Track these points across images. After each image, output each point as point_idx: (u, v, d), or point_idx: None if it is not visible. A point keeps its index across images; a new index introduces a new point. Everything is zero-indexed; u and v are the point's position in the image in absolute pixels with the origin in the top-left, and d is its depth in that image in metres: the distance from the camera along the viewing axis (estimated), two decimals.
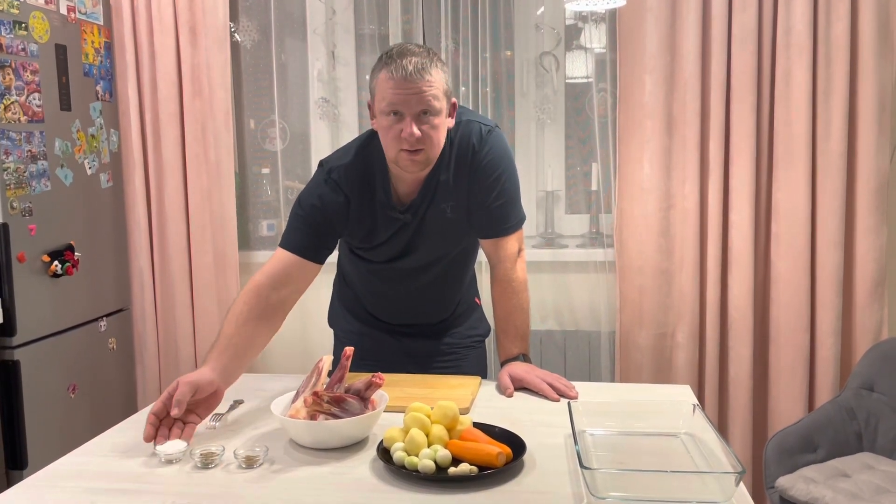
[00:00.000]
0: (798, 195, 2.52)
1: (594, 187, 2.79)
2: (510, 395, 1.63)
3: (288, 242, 1.63)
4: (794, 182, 2.52)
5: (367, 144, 1.65)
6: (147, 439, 1.34)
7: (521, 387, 1.66)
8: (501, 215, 1.69)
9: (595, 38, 2.79)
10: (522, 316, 1.78)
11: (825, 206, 2.52)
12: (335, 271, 1.97)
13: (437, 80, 1.50)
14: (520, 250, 1.77)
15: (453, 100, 1.59)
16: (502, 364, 1.74)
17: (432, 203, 1.65)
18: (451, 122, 1.59)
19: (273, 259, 1.62)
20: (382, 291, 1.82)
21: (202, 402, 1.42)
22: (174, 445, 1.31)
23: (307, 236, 1.62)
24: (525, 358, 1.74)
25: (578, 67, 2.90)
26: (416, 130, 1.49)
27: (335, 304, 1.96)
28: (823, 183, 2.51)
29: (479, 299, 2.00)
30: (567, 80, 2.90)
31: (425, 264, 1.75)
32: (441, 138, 1.56)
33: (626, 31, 2.59)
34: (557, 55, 2.88)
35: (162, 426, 1.37)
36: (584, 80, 2.87)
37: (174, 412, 1.35)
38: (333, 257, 1.76)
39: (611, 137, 2.71)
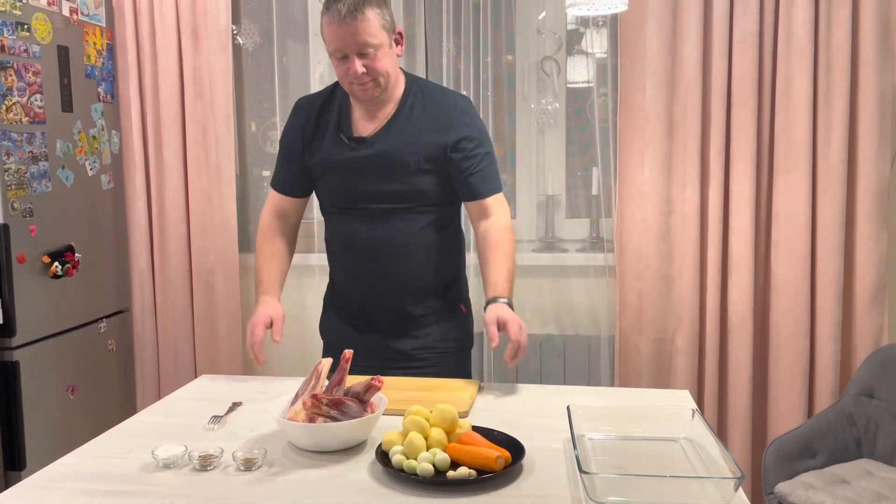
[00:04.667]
0: (798, 201, 2.52)
1: (595, 192, 2.79)
2: (495, 347, 1.61)
3: (275, 183, 1.93)
4: (794, 188, 2.52)
5: (338, 84, 1.83)
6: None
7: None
8: (485, 177, 1.79)
9: (596, 43, 2.79)
10: (507, 261, 1.76)
11: (825, 212, 2.52)
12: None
13: (372, 17, 1.64)
14: (508, 215, 1.83)
15: (398, 29, 1.74)
16: (488, 301, 1.71)
17: (390, 145, 1.75)
18: (399, 51, 1.75)
19: (269, 199, 1.93)
20: (352, 252, 1.84)
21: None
22: (172, 449, 1.31)
23: (286, 172, 1.89)
24: (510, 304, 1.70)
25: (579, 72, 2.90)
26: (359, 68, 1.66)
27: (324, 309, 2.00)
28: (824, 189, 2.52)
29: (466, 307, 1.95)
30: (568, 85, 2.90)
31: (382, 211, 1.78)
32: (387, 67, 1.70)
33: (628, 36, 2.59)
34: (559, 60, 2.88)
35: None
36: (585, 85, 2.87)
37: (261, 362, 1.72)
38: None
39: (611, 142, 2.71)
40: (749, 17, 2.48)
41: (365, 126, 1.78)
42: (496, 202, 1.80)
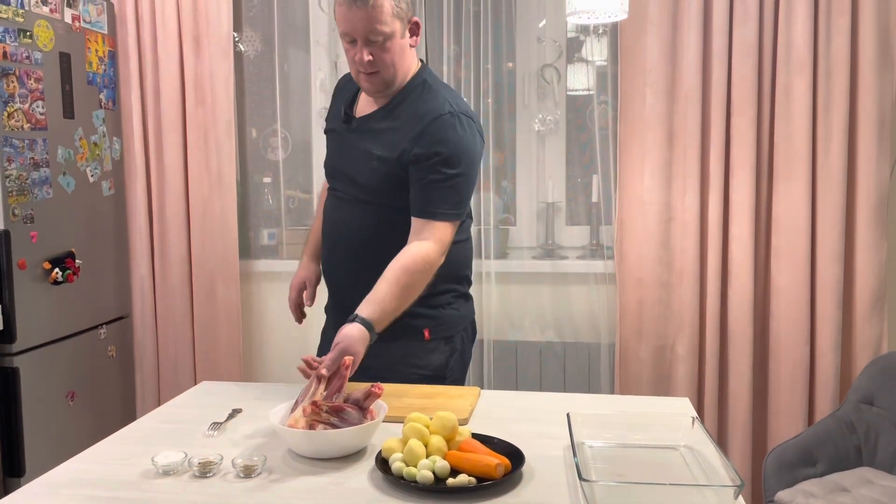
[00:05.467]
0: (798, 208, 2.53)
1: (595, 199, 2.80)
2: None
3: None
4: (794, 195, 2.53)
5: None
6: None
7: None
8: (430, 198, 1.63)
9: (596, 51, 2.80)
10: (391, 284, 1.56)
11: (825, 219, 2.52)
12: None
13: (385, 3, 1.57)
14: (440, 249, 1.64)
15: (414, 19, 1.66)
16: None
17: (366, 132, 1.72)
18: (413, 42, 1.68)
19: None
20: (327, 233, 1.82)
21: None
22: (172, 456, 1.31)
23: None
24: (365, 324, 1.51)
25: (580, 80, 2.91)
26: (365, 55, 1.60)
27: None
28: (823, 197, 2.52)
29: (431, 333, 1.77)
30: (568, 92, 2.91)
31: (349, 197, 1.75)
32: (395, 59, 1.63)
33: (628, 45, 2.60)
34: (559, 67, 2.89)
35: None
36: (586, 93, 2.88)
37: (299, 321, 1.89)
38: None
39: (611, 149, 2.71)
40: (749, 26, 2.49)
41: (363, 107, 1.77)
42: (433, 228, 1.62)
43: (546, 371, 2.80)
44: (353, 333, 1.49)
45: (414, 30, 1.67)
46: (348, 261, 1.77)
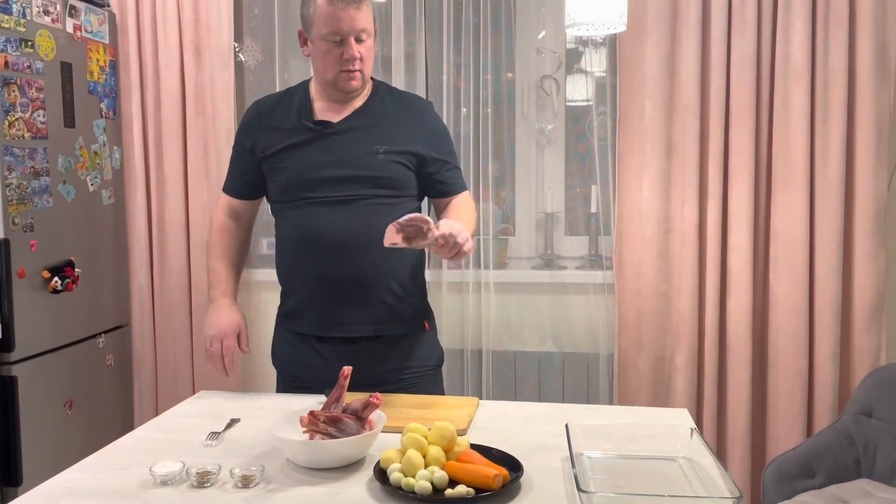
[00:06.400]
0: (796, 220, 2.53)
1: (594, 209, 2.81)
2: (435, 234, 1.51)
3: (226, 187, 1.92)
4: (792, 207, 2.53)
5: (295, 85, 1.87)
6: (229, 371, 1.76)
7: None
8: (455, 176, 1.86)
9: (595, 62, 2.82)
10: (466, 215, 1.77)
11: (823, 231, 2.53)
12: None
13: (369, 8, 1.71)
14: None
15: (376, 27, 1.79)
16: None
17: (360, 129, 1.75)
18: (374, 47, 1.78)
19: (220, 202, 1.92)
20: (315, 248, 1.73)
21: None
22: (170, 465, 1.31)
23: (236, 173, 1.88)
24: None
25: (579, 90, 2.93)
26: (355, 52, 1.68)
27: (277, 332, 1.90)
28: (822, 208, 2.53)
29: (430, 323, 1.88)
30: (567, 103, 2.92)
31: (348, 199, 1.71)
32: (371, 58, 1.75)
33: (626, 56, 2.61)
34: (558, 78, 2.90)
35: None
36: (585, 104, 2.89)
37: (232, 371, 1.76)
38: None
39: (610, 160, 2.72)
40: (747, 38, 2.50)
41: (330, 116, 1.77)
42: (466, 194, 1.88)
43: (545, 381, 2.80)
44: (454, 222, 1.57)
45: (375, 35, 1.79)
46: (356, 270, 1.72)
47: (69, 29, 2.55)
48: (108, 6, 2.79)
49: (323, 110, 1.78)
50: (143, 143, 2.90)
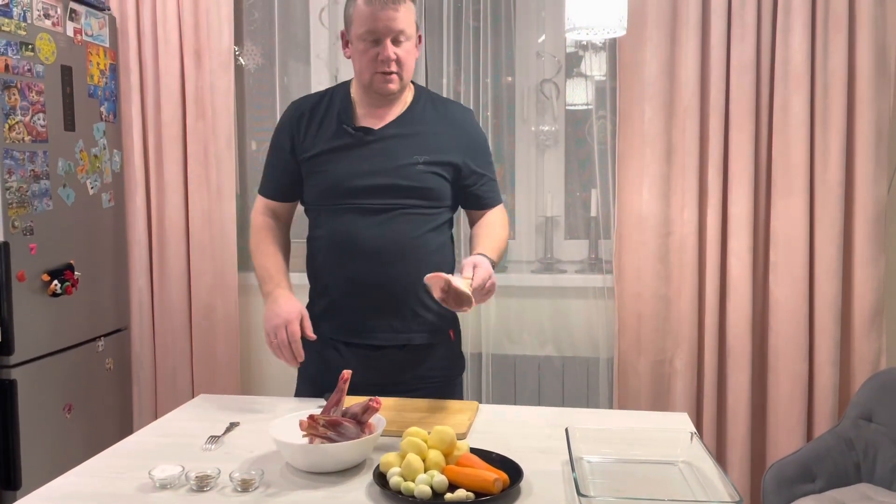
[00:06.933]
0: (796, 224, 2.53)
1: (593, 213, 2.81)
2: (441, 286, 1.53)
3: (263, 189, 1.89)
4: (792, 210, 2.54)
5: (336, 85, 1.85)
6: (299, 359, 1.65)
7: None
8: (491, 189, 1.87)
9: (595, 66, 2.82)
10: (496, 239, 1.77)
11: (823, 234, 2.53)
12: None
13: (410, 9, 1.68)
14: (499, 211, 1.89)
15: (419, 32, 1.75)
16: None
17: (400, 138, 1.74)
18: (417, 53, 1.75)
19: (258, 203, 1.89)
20: (348, 253, 1.73)
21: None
22: (169, 469, 1.31)
23: (274, 175, 1.85)
24: (491, 262, 1.65)
25: (578, 94, 2.93)
26: (391, 53, 1.66)
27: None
28: (821, 212, 2.53)
29: (455, 333, 1.89)
30: (567, 107, 2.93)
31: (384, 208, 1.71)
32: (411, 65, 1.73)
33: (626, 60, 2.62)
34: (558, 82, 2.90)
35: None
36: (584, 107, 2.89)
37: (301, 358, 1.65)
38: None
39: (610, 164, 2.72)
40: (746, 43, 2.51)
41: (371, 122, 1.75)
42: (499, 209, 1.88)
43: (545, 385, 2.79)
44: (482, 260, 1.60)
45: (418, 42, 1.75)
46: (384, 271, 1.72)
47: (69, 32, 2.55)
48: (109, 10, 2.80)
49: (364, 116, 1.76)
50: (142, 146, 2.90)
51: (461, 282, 1.51)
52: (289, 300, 1.71)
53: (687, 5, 2.54)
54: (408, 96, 1.80)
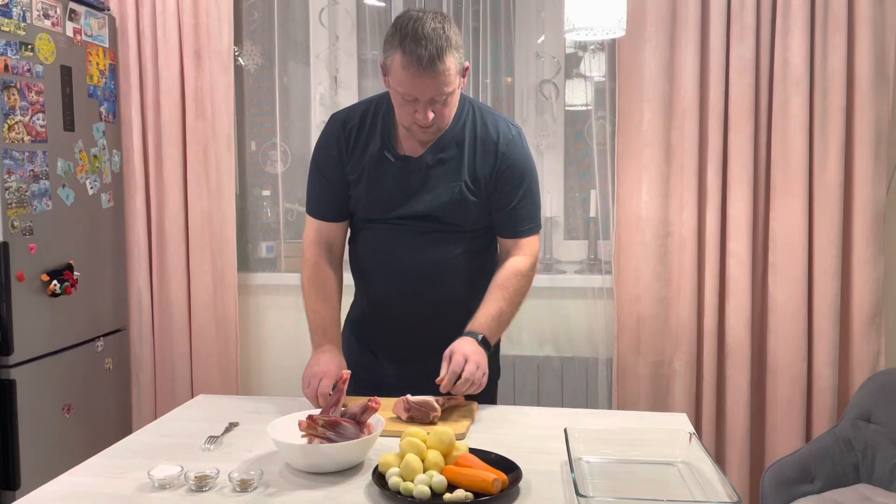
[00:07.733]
0: (795, 225, 2.54)
1: (593, 214, 2.81)
2: (437, 382, 1.55)
3: (312, 209, 1.81)
4: (791, 211, 2.54)
5: (377, 97, 1.76)
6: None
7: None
8: (519, 216, 1.75)
9: (594, 67, 2.82)
10: (503, 302, 1.70)
11: (822, 236, 2.53)
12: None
13: (451, 66, 1.54)
14: (533, 261, 1.78)
15: (466, 64, 1.62)
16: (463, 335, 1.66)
17: (437, 168, 1.69)
18: (463, 83, 1.64)
19: (308, 228, 1.81)
20: (386, 272, 1.76)
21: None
22: (168, 469, 1.31)
23: (324, 192, 1.78)
24: (484, 341, 1.64)
25: (578, 95, 2.93)
26: (428, 117, 1.58)
27: (345, 335, 1.89)
28: (820, 213, 2.53)
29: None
30: (567, 108, 2.93)
31: (420, 231, 1.72)
32: (452, 111, 1.65)
33: (625, 61, 2.62)
34: (557, 83, 2.91)
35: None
36: (584, 108, 2.90)
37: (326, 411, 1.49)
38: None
39: (609, 164, 2.73)
40: (746, 44, 2.51)
41: (411, 145, 1.71)
42: (524, 244, 1.76)
43: (543, 386, 2.79)
44: (464, 346, 1.58)
45: (465, 73, 1.64)
46: (421, 293, 1.74)
47: (69, 33, 2.55)
48: (108, 10, 2.80)
49: (405, 138, 1.71)
50: (142, 146, 2.90)
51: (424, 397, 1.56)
52: (332, 359, 1.69)
53: (686, 6, 2.54)
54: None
